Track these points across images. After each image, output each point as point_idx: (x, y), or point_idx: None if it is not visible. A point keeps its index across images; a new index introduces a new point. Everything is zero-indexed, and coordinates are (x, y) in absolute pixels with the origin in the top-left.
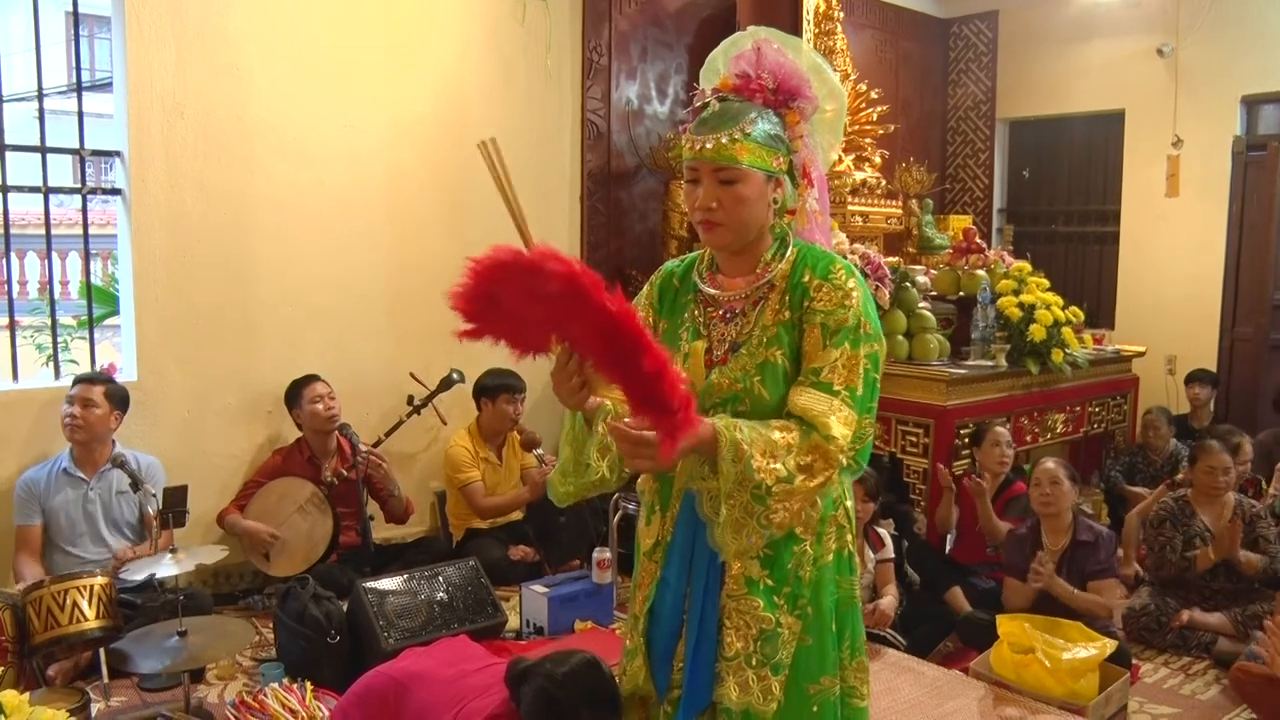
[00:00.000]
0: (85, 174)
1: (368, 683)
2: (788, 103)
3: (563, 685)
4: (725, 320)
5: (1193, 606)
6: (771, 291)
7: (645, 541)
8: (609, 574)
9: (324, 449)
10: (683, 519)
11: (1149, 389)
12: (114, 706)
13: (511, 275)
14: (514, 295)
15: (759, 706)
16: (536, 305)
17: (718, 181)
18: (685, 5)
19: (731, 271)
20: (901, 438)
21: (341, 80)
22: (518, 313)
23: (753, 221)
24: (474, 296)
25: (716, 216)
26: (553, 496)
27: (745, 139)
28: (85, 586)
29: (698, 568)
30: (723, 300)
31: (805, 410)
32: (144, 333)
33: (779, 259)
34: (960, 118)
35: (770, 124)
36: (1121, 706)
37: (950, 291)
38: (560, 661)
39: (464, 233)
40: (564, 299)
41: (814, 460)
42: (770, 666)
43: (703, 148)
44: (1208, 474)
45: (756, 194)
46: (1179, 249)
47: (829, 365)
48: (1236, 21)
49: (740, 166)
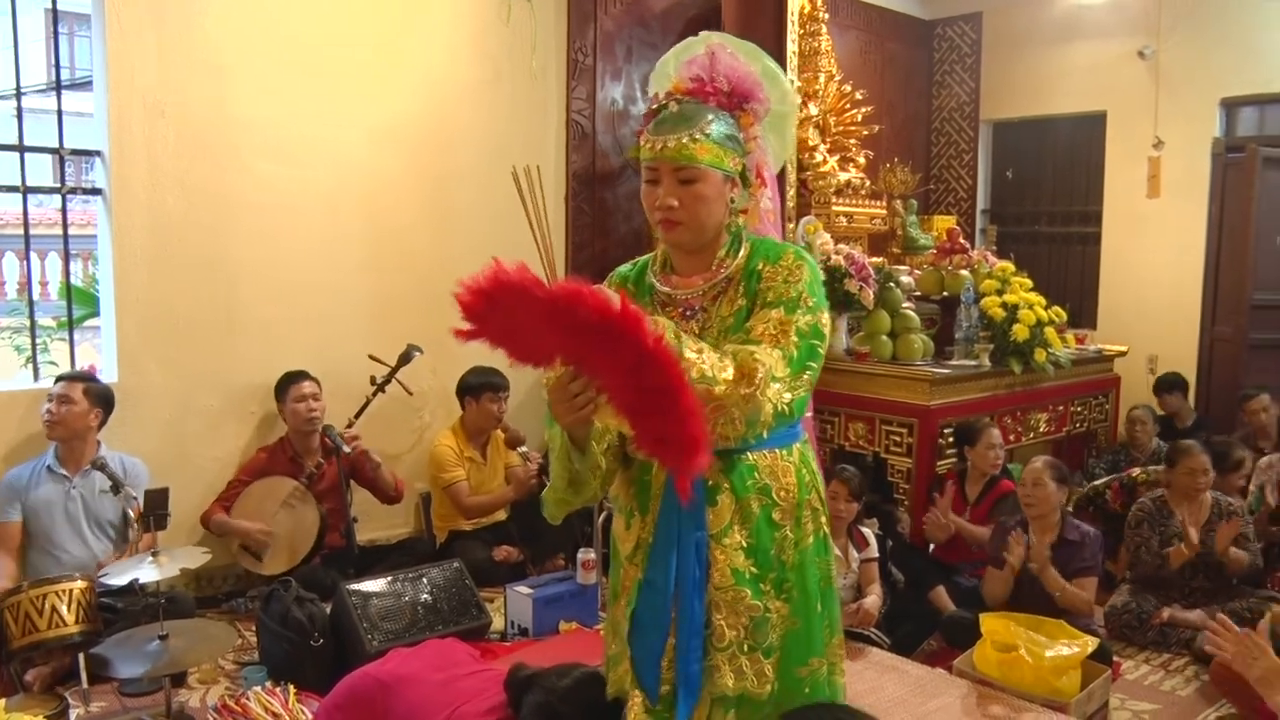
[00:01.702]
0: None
1: (351, 685)
2: (741, 105)
3: (565, 699)
4: (685, 317)
5: (1173, 604)
6: (729, 285)
7: (625, 546)
8: (594, 574)
9: (306, 448)
10: (664, 520)
11: (1130, 388)
12: (94, 712)
13: (530, 302)
14: (528, 316)
15: (755, 690)
16: (553, 331)
17: (677, 181)
18: (671, 6)
19: (687, 270)
20: (885, 437)
21: (325, 79)
22: (526, 329)
23: (711, 220)
24: (482, 303)
25: (677, 215)
26: (547, 515)
27: (704, 139)
28: (64, 591)
29: (683, 566)
30: (680, 299)
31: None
32: (125, 334)
33: (734, 255)
34: (944, 119)
35: (726, 125)
36: (1103, 703)
37: (934, 291)
38: (563, 674)
39: (449, 234)
40: (594, 334)
41: (736, 373)
42: (762, 650)
43: (663, 147)
44: (1188, 475)
45: (715, 193)
46: (1160, 250)
47: (761, 323)
48: (1216, 25)
49: (700, 166)
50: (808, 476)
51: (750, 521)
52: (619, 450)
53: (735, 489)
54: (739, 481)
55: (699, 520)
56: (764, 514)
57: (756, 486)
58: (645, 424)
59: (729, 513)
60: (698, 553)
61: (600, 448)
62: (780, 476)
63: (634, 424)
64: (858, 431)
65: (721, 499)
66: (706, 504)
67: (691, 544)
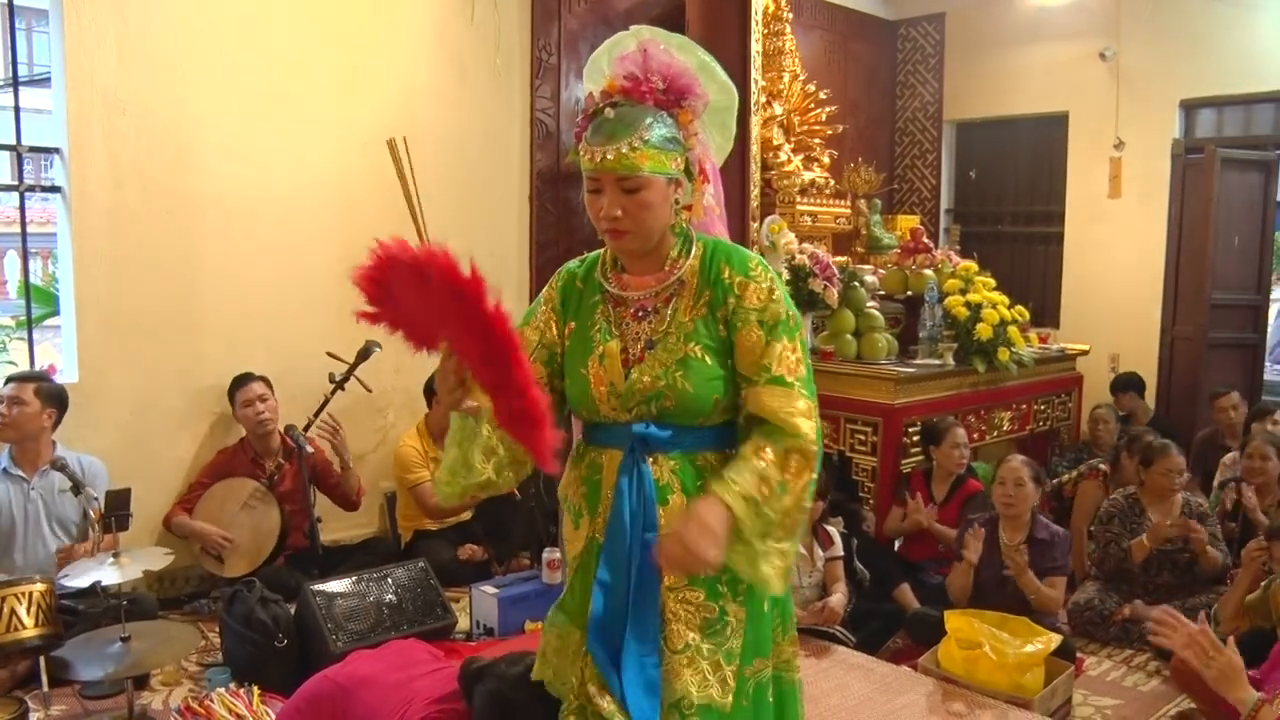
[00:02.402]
0: (23, 171)
1: (312, 689)
2: (679, 102)
3: (515, 686)
4: (638, 319)
5: (1136, 600)
6: (683, 288)
7: (573, 546)
8: (559, 574)
9: (267, 449)
10: (615, 520)
11: (1092, 387)
12: (54, 715)
13: (401, 268)
14: (405, 288)
15: (720, 699)
16: (423, 300)
17: (621, 190)
18: (635, 5)
19: (638, 271)
20: (850, 436)
21: (288, 78)
22: (410, 305)
23: (658, 225)
24: (373, 281)
25: (623, 225)
26: (439, 496)
27: (645, 146)
28: (23, 594)
29: (635, 567)
30: (633, 300)
31: (773, 413)
32: (85, 333)
33: (685, 255)
34: (908, 119)
35: (666, 126)
36: (1066, 699)
37: (898, 291)
38: (513, 662)
39: (411, 232)
40: (444, 296)
41: (796, 464)
42: (723, 654)
43: (603, 158)
44: (1164, 476)
45: (660, 199)
46: (1121, 249)
47: (776, 360)
48: (1176, 27)
49: (643, 174)
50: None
51: None
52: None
53: (686, 488)
54: (689, 481)
55: (650, 520)
56: None
57: (708, 487)
58: (500, 400)
59: (679, 514)
60: (644, 554)
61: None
62: None
63: (492, 399)
64: (823, 430)
65: (673, 499)
66: (657, 503)
67: (641, 546)
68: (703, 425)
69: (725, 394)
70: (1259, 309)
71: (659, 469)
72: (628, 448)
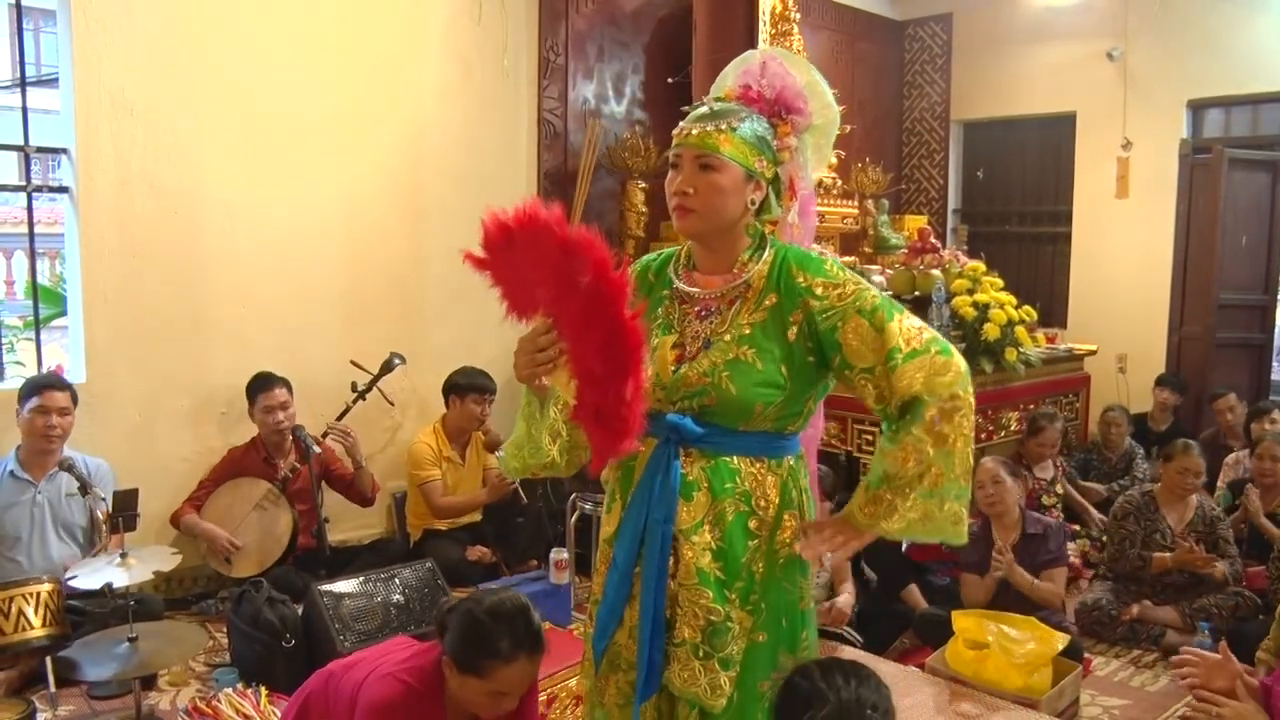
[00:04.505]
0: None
1: (307, 688)
2: (782, 114)
3: (488, 611)
4: (700, 317)
5: (1144, 599)
6: (748, 291)
7: (606, 529)
8: (566, 574)
9: (279, 448)
10: (634, 505)
11: (1100, 387)
12: (61, 716)
13: (541, 233)
14: (530, 253)
15: (707, 700)
16: (544, 273)
17: (697, 168)
18: (642, 5)
19: (708, 269)
20: (858, 436)
21: (295, 77)
22: (526, 271)
23: (725, 213)
24: (503, 237)
25: (690, 202)
26: (505, 469)
27: (730, 132)
28: (31, 594)
29: (649, 554)
30: (698, 298)
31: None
32: (93, 334)
33: (755, 260)
34: (915, 119)
35: (760, 126)
36: (1074, 699)
37: (906, 291)
38: (488, 593)
39: (420, 233)
40: (576, 280)
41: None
42: (719, 660)
43: (687, 135)
44: (1179, 475)
45: (733, 186)
46: (1129, 249)
47: (902, 335)
48: (1183, 27)
49: (720, 155)
50: (794, 493)
51: (723, 525)
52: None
53: (713, 489)
54: (718, 483)
55: (668, 512)
56: (739, 521)
57: (736, 491)
58: (590, 394)
59: (702, 511)
60: (663, 544)
61: (561, 414)
62: (764, 487)
63: (581, 391)
64: (830, 430)
65: (698, 496)
66: (681, 497)
67: (658, 534)
68: (743, 430)
69: (773, 402)
70: (1266, 309)
71: (689, 464)
72: (663, 438)
